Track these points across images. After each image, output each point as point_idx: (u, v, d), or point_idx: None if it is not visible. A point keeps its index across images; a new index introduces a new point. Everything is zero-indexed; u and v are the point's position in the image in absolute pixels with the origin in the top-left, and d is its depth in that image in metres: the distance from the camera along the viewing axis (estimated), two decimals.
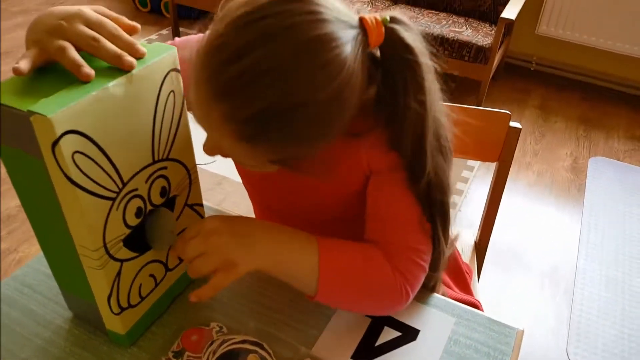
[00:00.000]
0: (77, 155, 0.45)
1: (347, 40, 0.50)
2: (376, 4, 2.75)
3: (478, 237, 1.20)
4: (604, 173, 2.32)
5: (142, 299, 0.64)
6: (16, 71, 0.48)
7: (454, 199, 2.11)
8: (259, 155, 0.55)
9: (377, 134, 0.61)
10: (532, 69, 3.04)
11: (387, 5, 2.79)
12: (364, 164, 0.65)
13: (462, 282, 0.94)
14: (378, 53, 0.58)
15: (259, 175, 0.76)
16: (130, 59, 0.50)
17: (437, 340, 0.68)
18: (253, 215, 0.93)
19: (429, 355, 0.66)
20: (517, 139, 1.08)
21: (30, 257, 1.70)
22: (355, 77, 0.51)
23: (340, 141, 0.57)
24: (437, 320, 0.71)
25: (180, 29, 3.32)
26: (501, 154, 1.10)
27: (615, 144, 2.53)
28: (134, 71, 0.50)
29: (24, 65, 0.49)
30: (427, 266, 0.66)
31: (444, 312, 0.72)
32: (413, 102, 0.55)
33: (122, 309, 0.61)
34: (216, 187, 2.05)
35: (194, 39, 0.73)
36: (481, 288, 1.75)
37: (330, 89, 0.49)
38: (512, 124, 1.06)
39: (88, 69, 0.48)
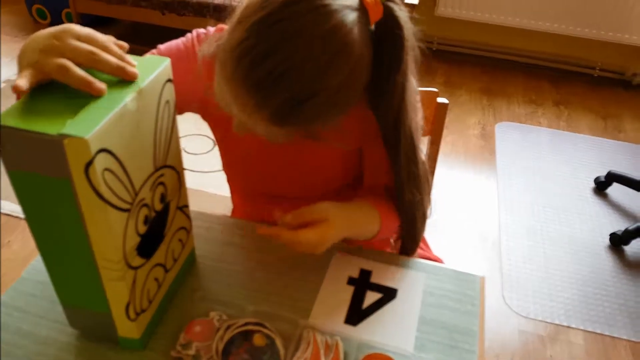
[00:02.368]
0: (105, 173, 0.49)
1: (354, 24, 0.58)
2: None
3: None
4: (510, 136, 2.57)
5: (150, 302, 0.68)
6: (16, 88, 0.50)
7: None
8: (289, 133, 0.64)
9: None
10: (434, 49, 3.26)
11: None
12: (361, 126, 0.78)
13: (424, 243, 1.09)
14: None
15: (256, 157, 0.86)
16: (132, 69, 0.54)
17: (415, 295, 0.79)
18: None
19: (411, 308, 0.76)
20: (445, 113, 1.21)
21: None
22: (364, 56, 0.60)
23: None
24: (411, 278, 0.81)
25: None
26: (433, 128, 1.22)
27: (516, 109, 2.80)
28: (142, 85, 0.54)
29: (23, 83, 0.51)
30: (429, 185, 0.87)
31: (416, 270, 0.83)
32: (399, 77, 0.64)
33: (137, 314, 0.65)
34: None
35: (210, 34, 0.79)
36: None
37: (345, 72, 0.58)
38: (440, 99, 1.19)
39: (100, 84, 0.51)
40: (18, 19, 3.46)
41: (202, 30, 0.83)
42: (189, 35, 0.83)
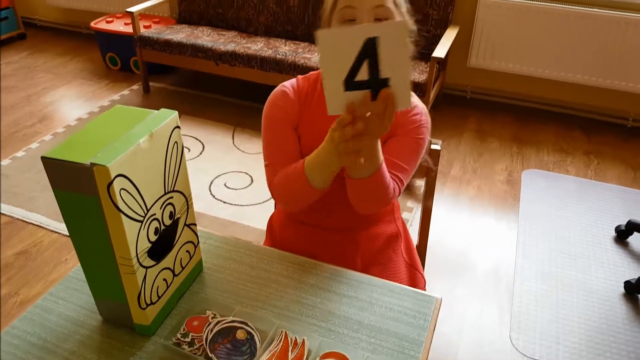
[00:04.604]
0: (122, 191, 0.70)
1: None
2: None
3: (417, 242, 1.46)
4: (536, 183, 2.65)
5: (159, 297, 0.88)
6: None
7: (406, 215, 2.39)
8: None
9: None
10: (467, 97, 3.41)
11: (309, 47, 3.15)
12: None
13: (412, 256, 1.32)
14: None
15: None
16: None
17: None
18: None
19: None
20: (439, 158, 1.37)
21: (30, 299, 1.88)
22: None
23: None
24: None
25: (150, 84, 3.58)
26: (427, 171, 1.38)
27: (545, 157, 2.88)
28: (153, 130, 0.75)
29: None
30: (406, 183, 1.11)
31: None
32: None
33: (147, 305, 0.84)
34: None
35: (294, 84, 1.17)
36: (434, 287, 2.02)
37: None
38: (433, 146, 1.35)
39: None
40: (93, 65, 3.93)
41: (287, 83, 1.15)
42: (287, 86, 1.15)
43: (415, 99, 1.15)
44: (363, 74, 0.77)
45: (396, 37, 0.74)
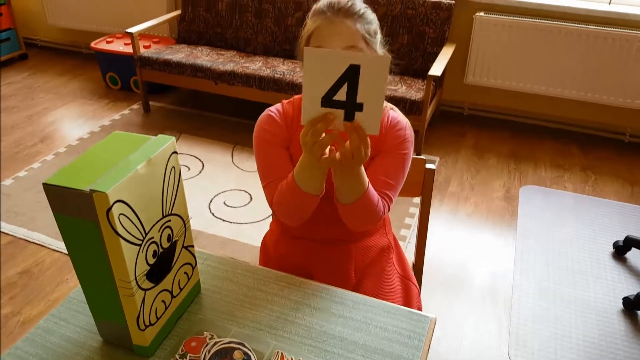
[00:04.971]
0: (121, 216, 0.72)
1: None
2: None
3: (414, 260, 1.48)
4: (534, 199, 2.67)
5: (158, 318, 0.89)
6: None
7: (404, 232, 2.40)
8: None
9: None
10: (465, 113, 3.45)
11: None
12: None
13: (405, 267, 1.34)
14: None
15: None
16: None
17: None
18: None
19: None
20: (433, 177, 1.39)
21: (32, 318, 1.89)
22: None
23: None
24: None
25: (150, 103, 3.62)
26: (423, 190, 1.40)
27: (542, 173, 2.90)
28: (151, 156, 0.77)
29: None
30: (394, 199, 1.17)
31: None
32: None
33: (146, 326, 0.85)
34: (193, 241, 2.29)
35: (280, 108, 1.23)
36: (432, 304, 2.03)
37: None
38: (428, 166, 1.37)
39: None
40: (93, 85, 3.98)
41: (273, 107, 1.20)
42: (272, 110, 1.21)
43: (397, 114, 1.19)
44: (341, 95, 0.84)
45: (377, 69, 0.81)
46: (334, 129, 0.89)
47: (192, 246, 0.96)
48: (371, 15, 1.11)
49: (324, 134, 0.90)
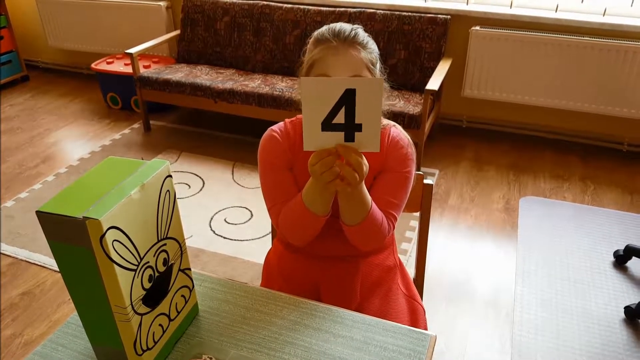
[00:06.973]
0: (115, 243, 0.73)
1: None
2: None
3: (415, 275, 1.48)
4: (534, 210, 2.67)
5: (155, 342, 0.89)
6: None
7: (405, 245, 2.40)
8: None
9: None
10: (463, 126, 3.46)
11: None
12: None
13: (410, 287, 1.35)
14: None
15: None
16: None
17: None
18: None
19: None
20: (432, 193, 1.40)
21: (34, 339, 1.89)
22: None
23: None
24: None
25: (151, 122, 3.65)
26: (421, 205, 1.41)
27: (541, 183, 2.90)
28: (145, 181, 0.78)
29: None
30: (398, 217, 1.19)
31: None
32: None
33: (143, 351, 0.86)
34: (195, 259, 2.29)
35: (282, 127, 1.24)
36: (434, 317, 2.02)
37: None
38: (426, 181, 1.38)
39: None
40: (94, 105, 4.02)
41: (276, 127, 1.21)
42: (275, 130, 1.21)
43: (399, 131, 1.21)
44: (340, 118, 0.88)
45: (372, 91, 0.85)
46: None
47: (189, 269, 0.97)
48: (373, 45, 1.13)
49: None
